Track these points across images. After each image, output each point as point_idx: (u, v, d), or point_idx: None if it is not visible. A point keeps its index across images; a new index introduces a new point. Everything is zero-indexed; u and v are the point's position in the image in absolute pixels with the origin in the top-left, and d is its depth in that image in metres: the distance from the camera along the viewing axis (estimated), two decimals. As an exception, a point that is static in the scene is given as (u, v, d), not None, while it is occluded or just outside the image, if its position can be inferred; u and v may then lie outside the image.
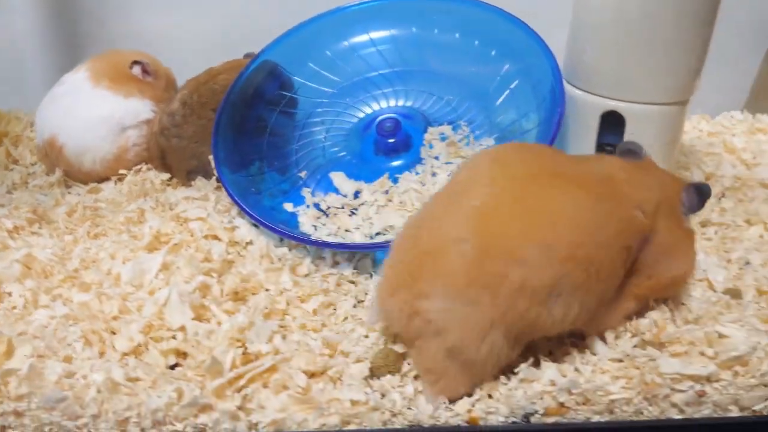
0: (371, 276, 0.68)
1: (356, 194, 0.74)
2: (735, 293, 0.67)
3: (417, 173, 0.73)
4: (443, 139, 0.73)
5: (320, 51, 0.81)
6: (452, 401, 0.54)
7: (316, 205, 0.74)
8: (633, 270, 0.57)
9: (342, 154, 0.77)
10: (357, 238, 0.69)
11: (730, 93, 1.09)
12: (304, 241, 0.68)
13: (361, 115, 0.79)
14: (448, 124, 0.76)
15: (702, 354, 0.58)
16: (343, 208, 0.73)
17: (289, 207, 0.74)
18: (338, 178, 0.75)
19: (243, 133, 0.77)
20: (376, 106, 0.79)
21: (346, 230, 0.71)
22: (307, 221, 0.72)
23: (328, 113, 0.80)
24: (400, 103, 0.79)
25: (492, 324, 0.51)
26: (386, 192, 0.72)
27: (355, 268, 0.68)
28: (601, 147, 0.72)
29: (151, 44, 1.06)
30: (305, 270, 0.68)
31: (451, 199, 0.54)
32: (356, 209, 0.73)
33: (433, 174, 0.72)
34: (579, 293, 0.52)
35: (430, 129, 0.74)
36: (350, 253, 0.69)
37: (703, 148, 0.93)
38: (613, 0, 0.67)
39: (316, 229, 0.72)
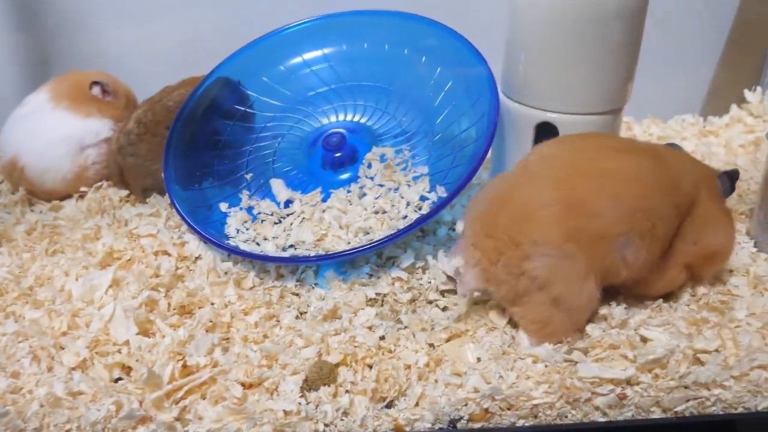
0: (314, 287, 0.70)
1: (288, 203, 0.76)
2: (669, 294, 0.69)
3: (349, 191, 0.75)
4: (383, 160, 0.75)
5: (271, 69, 0.84)
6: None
7: (249, 209, 0.76)
8: (680, 235, 0.65)
9: (287, 168, 0.79)
10: (269, 248, 0.71)
11: (686, 97, 1.12)
12: (249, 256, 0.70)
13: (309, 130, 0.81)
14: (393, 137, 0.79)
15: (624, 357, 0.60)
16: (272, 215, 0.75)
17: (223, 207, 0.77)
18: (276, 185, 0.77)
19: (196, 150, 0.80)
20: (323, 121, 0.81)
21: (264, 238, 0.74)
22: (234, 223, 0.76)
23: (278, 128, 0.82)
24: (348, 117, 0.81)
25: (587, 273, 0.59)
26: (314, 205, 0.75)
27: (298, 281, 0.71)
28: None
29: (121, 61, 1.09)
30: (250, 283, 0.70)
31: (531, 175, 0.64)
32: (284, 218, 0.75)
33: (363, 195, 0.74)
34: (644, 242, 0.61)
35: (374, 149, 0.76)
36: (294, 266, 0.71)
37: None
38: (542, 18, 0.69)
39: (238, 233, 0.74)
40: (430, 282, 0.70)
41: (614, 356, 0.60)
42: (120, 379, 0.61)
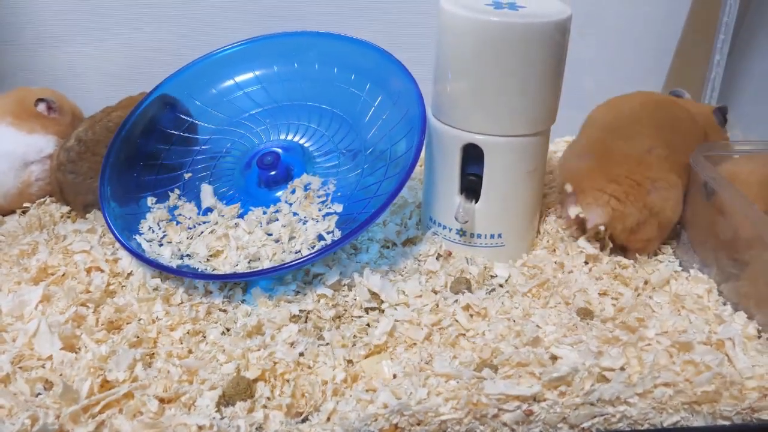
0: (241, 304, 0.71)
1: (206, 211, 0.78)
2: (587, 312, 0.71)
3: (264, 212, 0.76)
4: (306, 189, 0.77)
5: (203, 92, 0.85)
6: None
7: (172, 209, 0.78)
8: None
9: (224, 189, 0.81)
10: (166, 253, 0.73)
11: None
12: (177, 273, 0.71)
13: (244, 151, 0.83)
14: (326, 154, 0.80)
15: (531, 375, 0.61)
16: (190, 218, 0.77)
17: (150, 201, 0.79)
18: (205, 190, 0.79)
19: (134, 168, 0.81)
20: (258, 142, 0.83)
21: (169, 242, 0.75)
22: (151, 219, 0.77)
23: (214, 150, 0.84)
24: (282, 137, 0.83)
25: (682, 196, 0.78)
26: (229, 219, 0.76)
27: (225, 297, 0.72)
28: (465, 176, 0.76)
29: (72, 78, 1.10)
30: (179, 299, 0.72)
31: (613, 130, 0.82)
32: (199, 224, 0.77)
33: (276, 220, 0.76)
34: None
35: (304, 176, 0.78)
36: (222, 282, 0.72)
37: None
38: (465, 41, 0.70)
39: (152, 231, 0.76)
40: (355, 299, 0.71)
41: (522, 374, 0.61)
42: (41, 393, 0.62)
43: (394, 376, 0.63)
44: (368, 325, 0.69)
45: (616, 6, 1.17)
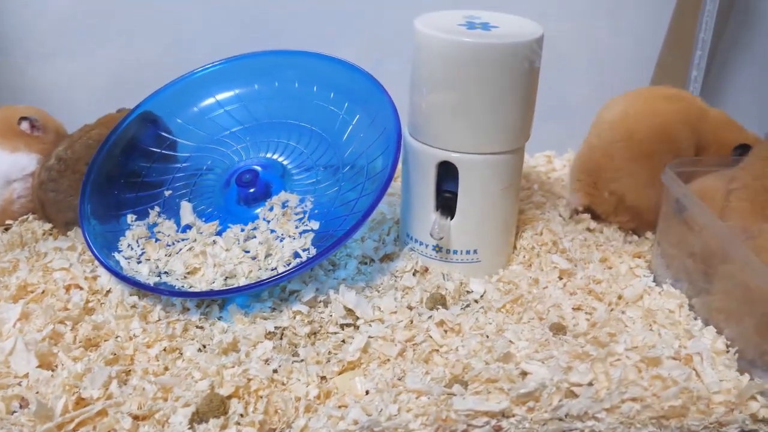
0: (218, 321, 0.72)
1: (185, 228, 0.79)
2: (559, 328, 0.71)
3: (242, 230, 0.77)
4: (284, 206, 0.78)
5: (184, 110, 0.86)
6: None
7: (152, 226, 0.79)
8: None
9: (202, 207, 0.81)
10: (144, 270, 0.74)
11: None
12: (154, 291, 0.72)
13: (224, 168, 0.84)
14: (306, 171, 0.81)
15: (501, 390, 0.62)
16: (169, 236, 0.78)
17: (130, 218, 0.80)
18: (185, 208, 0.80)
19: (115, 185, 0.82)
20: (238, 160, 0.84)
21: (147, 259, 0.76)
22: (130, 236, 0.78)
23: (194, 168, 0.85)
24: (261, 154, 0.84)
25: (649, 182, 0.84)
26: (208, 236, 0.77)
27: (202, 314, 0.73)
28: (441, 193, 0.77)
29: (57, 95, 1.12)
30: (156, 316, 0.73)
31: (598, 133, 0.89)
32: (178, 241, 0.78)
33: (253, 237, 0.77)
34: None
35: (282, 193, 0.79)
36: (199, 299, 0.73)
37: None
38: (439, 61, 0.71)
39: (131, 249, 0.77)
40: (331, 315, 0.72)
41: (492, 389, 0.62)
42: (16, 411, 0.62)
43: (367, 392, 0.64)
44: (343, 341, 0.70)
45: (599, 22, 1.19)
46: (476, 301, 0.76)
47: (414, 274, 0.79)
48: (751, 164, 0.71)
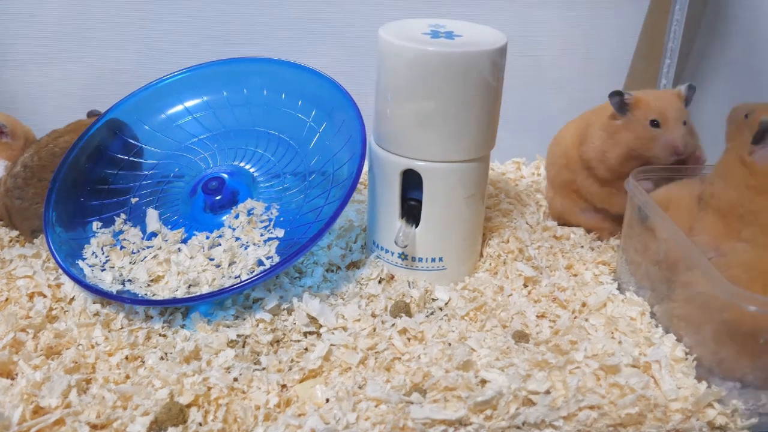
0: (181, 328, 0.72)
1: (151, 236, 0.79)
2: (522, 335, 0.72)
3: (207, 237, 0.77)
4: (249, 214, 0.78)
5: (152, 117, 0.87)
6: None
7: (118, 233, 0.79)
8: None
9: (168, 215, 0.81)
10: (107, 278, 0.74)
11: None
12: (116, 298, 0.72)
13: (191, 176, 0.84)
14: (274, 178, 0.82)
15: (458, 398, 0.62)
16: (134, 243, 0.78)
17: (96, 226, 0.80)
18: (151, 215, 0.80)
19: (81, 193, 0.82)
20: (205, 167, 0.84)
21: (112, 267, 0.76)
22: (95, 244, 0.78)
23: (161, 175, 0.85)
24: (228, 162, 0.84)
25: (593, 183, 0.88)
26: (172, 244, 0.77)
27: (165, 322, 0.73)
28: (406, 201, 0.77)
29: (28, 101, 1.11)
30: (119, 324, 0.72)
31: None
32: (142, 249, 0.78)
33: (218, 245, 0.77)
34: None
35: (248, 201, 0.79)
36: (163, 307, 0.73)
37: (542, 190, 0.99)
38: (403, 70, 0.72)
39: (95, 257, 0.77)
40: (294, 323, 0.72)
41: (449, 398, 0.62)
42: (-27, 420, 0.62)
43: (327, 401, 0.64)
44: (306, 349, 0.70)
45: (574, 30, 1.19)
46: (441, 309, 0.77)
47: (379, 282, 0.79)
48: (726, 192, 0.71)
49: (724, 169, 0.71)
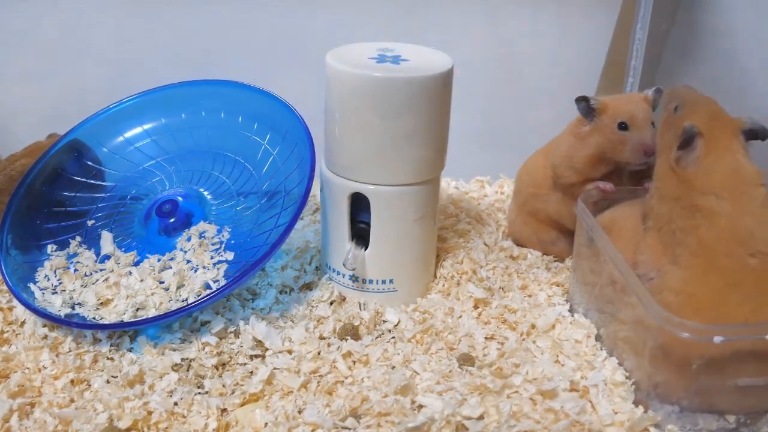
0: (128, 352, 0.73)
1: (105, 259, 0.80)
2: (467, 359, 0.72)
3: (159, 260, 0.78)
4: (201, 236, 0.79)
5: (97, 149, 0.88)
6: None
7: (72, 256, 0.80)
8: None
9: (122, 237, 0.82)
10: (57, 302, 0.75)
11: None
12: (62, 322, 0.73)
13: (145, 201, 0.85)
14: (228, 199, 0.82)
15: (392, 424, 0.63)
16: (87, 266, 0.78)
17: (50, 248, 0.81)
18: (105, 238, 0.81)
19: (38, 215, 0.83)
20: (161, 189, 0.85)
21: (63, 290, 0.77)
22: (48, 267, 0.79)
23: (119, 196, 0.86)
24: (183, 184, 0.85)
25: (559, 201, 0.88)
26: (124, 267, 0.78)
27: (113, 345, 0.73)
28: (356, 224, 0.78)
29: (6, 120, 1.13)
30: (67, 348, 0.73)
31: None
32: (95, 272, 0.78)
33: (169, 267, 0.77)
34: None
35: (201, 223, 0.80)
36: (111, 331, 0.74)
37: (504, 209, 1.00)
38: (348, 94, 0.73)
39: (47, 279, 0.78)
40: (241, 346, 0.73)
41: (383, 423, 0.63)
42: None
43: (266, 425, 0.64)
44: (251, 372, 0.71)
45: (543, 46, 1.20)
46: (389, 331, 0.77)
47: (330, 304, 0.80)
48: (654, 206, 0.71)
49: (657, 178, 0.70)
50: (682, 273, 0.65)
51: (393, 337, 0.76)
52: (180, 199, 0.83)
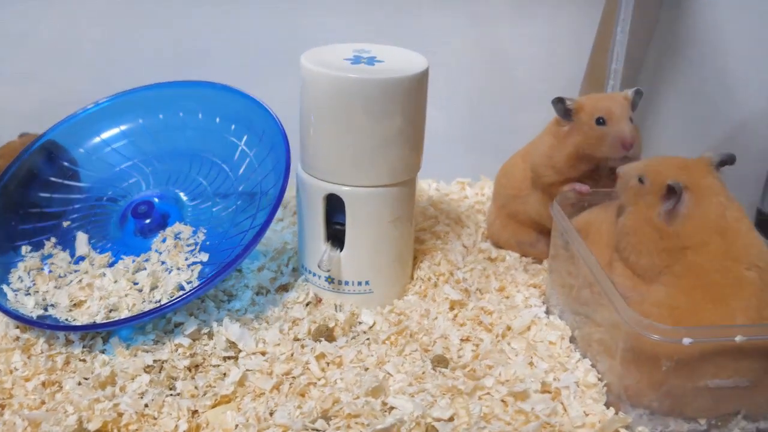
0: (100, 353, 0.72)
1: (80, 260, 0.79)
2: (441, 360, 0.72)
3: (134, 261, 0.78)
4: (177, 237, 0.78)
5: (72, 151, 0.87)
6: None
7: (46, 257, 0.80)
8: None
9: (97, 238, 0.82)
10: (29, 303, 0.74)
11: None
12: (33, 324, 0.73)
13: (120, 203, 0.84)
14: (204, 201, 0.82)
15: (362, 425, 0.63)
16: (61, 267, 0.78)
17: (25, 250, 0.80)
18: (80, 239, 0.80)
19: (13, 217, 0.82)
20: (137, 190, 0.85)
21: (36, 291, 0.76)
22: (22, 268, 0.78)
23: (95, 197, 0.85)
24: (160, 185, 0.85)
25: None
26: (98, 269, 0.78)
27: (85, 347, 0.73)
28: (331, 225, 0.78)
29: None
30: (39, 349, 0.73)
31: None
32: (70, 273, 0.78)
33: (143, 269, 0.77)
34: None
35: (177, 224, 0.79)
36: (83, 332, 0.74)
37: (484, 211, 1.00)
38: (323, 95, 0.73)
39: (20, 281, 0.77)
40: (215, 348, 0.73)
41: (353, 425, 0.62)
42: None
43: (236, 426, 0.64)
44: (225, 374, 0.70)
45: (527, 49, 1.20)
46: (365, 333, 0.77)
47: (306, 305, 0.80)
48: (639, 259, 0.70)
49: (632, 233, 0.69)
50: (665, 289, 0.65)
51: (368, 339, 0.75)
52: (156, 200, 0.83)
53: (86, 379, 0.70)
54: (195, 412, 0.66)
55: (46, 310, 0.75)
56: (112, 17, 1.13)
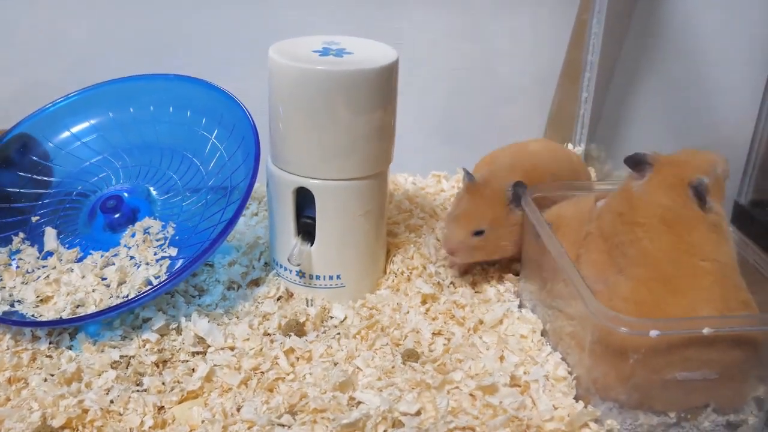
0: (67, 349, 0.72)
1: (48, 255, 0.78)
2: (411, 354, 0.71)
3: (102, 256, 0.77)
4: (146, 232, 0.78)
5: (38, 148, 0.86)
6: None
7: (14, 252, 0.79)
8: None
9: (66, 233, 0.81)
10: None
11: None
12: (2, 321, 0.72)
13: (94, 193, 0.84)
14: (174, 195, 0.81)
15: (327, 420, 0.62)
16: (29, 263, 0.77)
17: None
18: (49, 234, 0.80)
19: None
20: (107, 185, 0.84)
21: (3, 287, 0.76)
22: None
23: (64, 192, 0.84)
24: (130, 179, 0.84)
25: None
26: (66, 264, 0.77)
27: (51, 343, 0.72)
28: (301, 219, 0.77)
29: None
30: (5, 346, 0.72)
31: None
32: (38, 269, 0.77)
33: (112, 264, 0.76)
34: None
35: (146, 219, 0.79)
36: (50, 328, 0.73)
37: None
38: (290, 87, 0.72)
39: None
40: (183, 343, 0.72)
41: (318, 419, 0.62)
42: None
43: (203, 422, 0.64)
44: (192, 370, 0.70)
45: (504, 43, 1.20)
46: (336, 327, 0.76)
47: (277, 300, 0.79)
48: (604, 218, 0.71)
49: (613, 196, 0.71)
50: (629, 282, 0.65)
51: (338, 333, 0.75)
52: (126, 194, 0.82)
53: (52, 375, 0.69)
54: (161, 408, 0.66)
55: (12, 306, 0.74)
56: (83, 10, 1.11)
